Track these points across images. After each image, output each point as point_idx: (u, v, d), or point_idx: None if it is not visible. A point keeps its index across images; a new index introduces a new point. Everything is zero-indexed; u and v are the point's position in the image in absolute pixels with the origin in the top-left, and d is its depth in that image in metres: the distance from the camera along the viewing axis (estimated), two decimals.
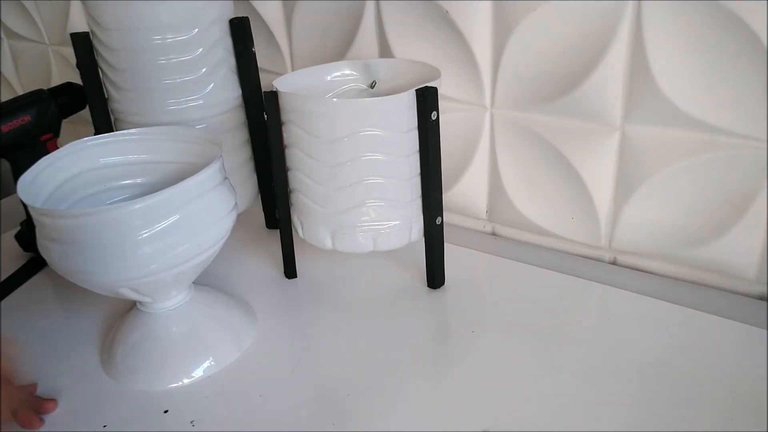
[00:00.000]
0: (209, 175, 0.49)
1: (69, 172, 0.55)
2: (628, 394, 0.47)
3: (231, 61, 0.64)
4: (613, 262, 0.65)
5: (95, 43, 0.62)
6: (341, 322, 0.57)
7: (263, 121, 0.58)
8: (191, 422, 0.48)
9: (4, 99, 0.69)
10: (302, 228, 0.60)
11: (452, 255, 0.63)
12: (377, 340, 0.55)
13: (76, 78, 0.68)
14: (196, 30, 0.60)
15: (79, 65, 0.64)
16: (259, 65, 0.68)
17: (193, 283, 0.56)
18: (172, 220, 0.46)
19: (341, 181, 0.55)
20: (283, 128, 0.57)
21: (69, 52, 0.96)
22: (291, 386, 0.51)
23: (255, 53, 0.66)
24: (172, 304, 0.53)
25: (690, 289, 0.59)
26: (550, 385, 0.48)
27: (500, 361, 0.51)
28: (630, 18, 0.53)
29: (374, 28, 0.68)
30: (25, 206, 0.62)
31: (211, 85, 0.62)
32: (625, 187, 0.60)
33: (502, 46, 0.61)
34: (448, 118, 0.66)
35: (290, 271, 0.65)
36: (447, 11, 0.62)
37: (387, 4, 0.66)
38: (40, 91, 0.69)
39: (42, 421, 0.48)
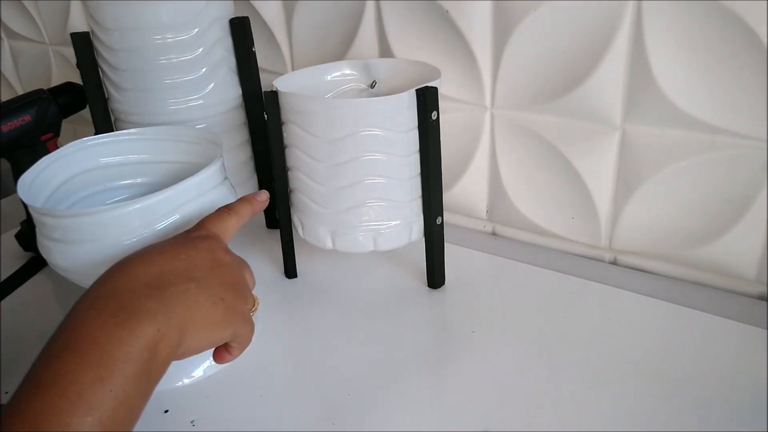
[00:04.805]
0: (209, 175, 0.49)
1: (69, 172, 0.55)
2: (628, 393, 0.47)
3: (231, 61, 0.64)
4: (613, 262, 0.65)
5: (95, 43, 0.62)
6: (341, 322, 0.57)
7: (263, 121, 0.58)
8: (191, 422, 0.48)
9: (4, 99, 0.69)
10: (302, 228, 0.60)
11: (452, 255, 0.63)
12: (377, 339, 0.55)
13: (76, 78, 0.68)
14: (196, 30, 0.60)
15: (79, 65, 0.64)
16: (259, 65, 0.68)
17: None
18: (172, 220, 0.46)
19: (341, 181, 0.55)
20: (283, 128, 0.57)
21: (69, 52, 0.96)
22: (291, 386, 0.51)
23: (255, 53, 0.66)
24: None
25: (690, 289, 0.59)
26: (550, 385, 0.48)
27: (500, 361, 0.51)
28: (630, 18, 0.53)
29: (374, 28, 0.68)
30: (25, 206, 0.62)
31: (211, 84, 0.62)
32: (625, 187, 0.60)
33: (502, 46, 0.61)
34: (448, 118, 0.66)
35: (290, 271, 0.65)
36: (447, 11, 0.62)
37: (387, 4, 0.66)
38: (40, 91, 0.69)
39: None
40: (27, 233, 0.71)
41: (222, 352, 0.42)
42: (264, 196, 0.48)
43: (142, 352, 0.33)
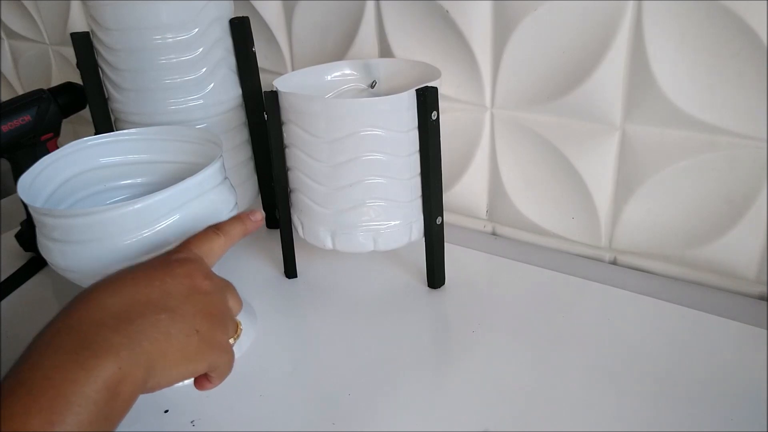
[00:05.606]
0: (209, 175, 0.49)
1: (69, 172, 0.55)
2: (628, 394, 0.47)
3: (231, 60, 0.64)
4: (613, 262, 0.65)
5: (95, 43, 0.62)
6: (341, 322, 0.57)
7: (263, 121, 0.58)
8: (191, 422, 0.48)
9: (4, 99, 0.69)
10: (302, 228, 0.60)
11: (452, 255, 0.63)
12: (377, 339, 0.55)
13: (76, 78, 0.68)
14: (196, 30, 0.60)
15: (79, 65, 0.64)
16: (259, 65, 0.68)
17: None
18: (172, 220, 0.46)
19: (341, 181, 0.55)
20: (283, 128, 0.57)
21: (69, 52, 0.96)
22: (291, 386, 0.51)
23: (255, 53, 0.66)
24: None
25: (690, 289, 0.59)
26: (550, 385, 0.48)
27: (500, 361, 0.51)
28: (630, 18, 0.53)
29: (374, 28, 0.68)
30: (25, 206, 0.62)
31: (211, 84, 0.62)
32: (625, 187, 0.60)
33: (502, 46, 0.61)
34: (448, 118, 0.66)
35: (290, 271, 0.65)
36: (447, 11, 0.62)
37: (387, 4, 0.66)
38: (40, 91, 0.69)
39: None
40: (27, 233, 0.71)
41: (202, 381, 0.40)
42: (258, 216, 0.46)
43: (100, 393, 0.31)
